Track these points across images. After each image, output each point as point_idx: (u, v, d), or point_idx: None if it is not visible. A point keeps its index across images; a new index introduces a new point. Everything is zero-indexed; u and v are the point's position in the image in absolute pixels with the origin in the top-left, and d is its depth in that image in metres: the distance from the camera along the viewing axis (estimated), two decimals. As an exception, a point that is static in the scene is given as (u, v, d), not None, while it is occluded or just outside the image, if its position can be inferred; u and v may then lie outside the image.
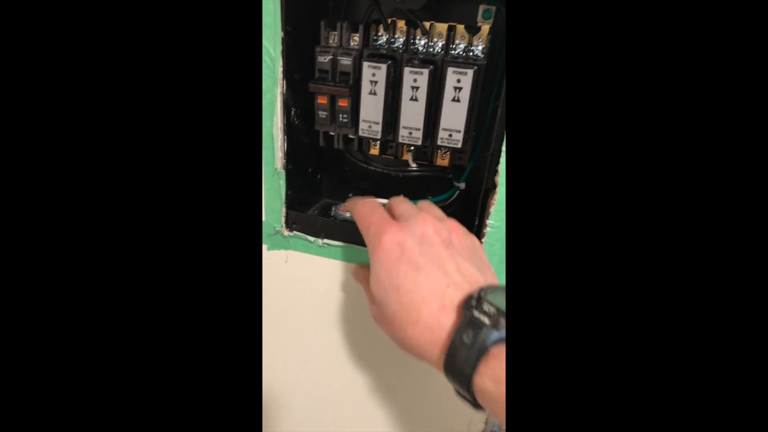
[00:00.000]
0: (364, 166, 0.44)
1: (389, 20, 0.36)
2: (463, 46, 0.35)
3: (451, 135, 0.35)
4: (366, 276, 0.34)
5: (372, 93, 0.35)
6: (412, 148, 0.39)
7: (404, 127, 0.36)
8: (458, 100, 0.33)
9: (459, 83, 0.33)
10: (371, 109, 0.35)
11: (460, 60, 0.34)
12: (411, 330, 0.28)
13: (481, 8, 0.34)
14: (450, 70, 0.33)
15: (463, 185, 0.41)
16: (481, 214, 0.36)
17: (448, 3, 0.36)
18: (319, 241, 0.41)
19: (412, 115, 0.35)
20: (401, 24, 0.36)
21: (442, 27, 0.35)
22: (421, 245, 0.29)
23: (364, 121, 0.36)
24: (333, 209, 0.44)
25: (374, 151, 0.42)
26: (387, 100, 0.35)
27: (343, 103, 0.36)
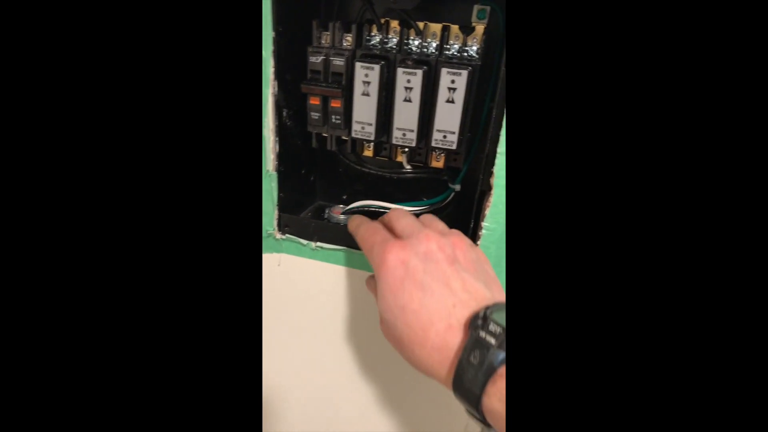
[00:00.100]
0: (358, 168, 0.43)
1: (382, 20, 0.35)
2: (457, 46, 0.35)
3: (445, 136, 0.34)
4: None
5: (365, 94, 0.34)
6: (406, 150, 0.39)
7: (398, 129, 0.35)
8: (452, 101, 0.33)
9: (453, 84, 0.32)
10: (364, 111, 0.35)
11: (455, 60, 0.33)
12: (419, 351, 0.27)
13: (476, 8, 0.34)
14: (444, 70, 0.32)
15: (458, 187, 0.40)
16: (477, 217, 0.36)
17: (442, 3, 0.36)
18: (312, 244, 0.41)
19: (405, 117, 0.34)
20: (395, 24, 0.35)
21: (436, 27, 0.35)
22: (425, 263, 0.28)
23: (357, 122, 0.35)
24: (327, 211, 0.44)
25: (368, 152, 0.41)
26: (380, 101, 0.34)
27: (336, 104, 0.35)
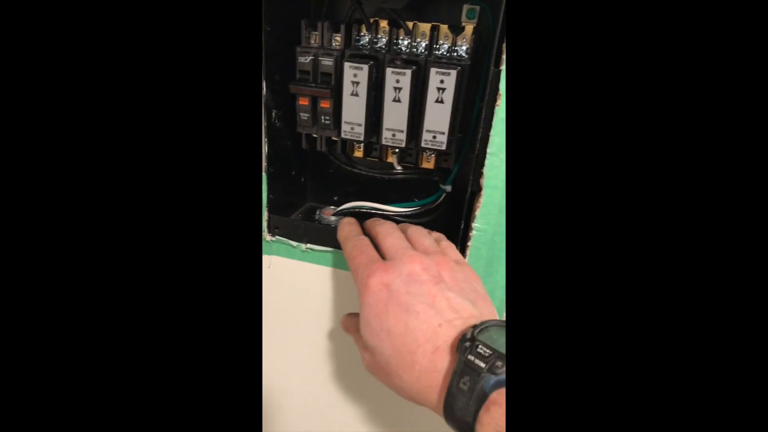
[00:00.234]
0: (349, 169, 0.43)
1: (371, 20, 0.35)
2: (446, 46, 0.34)
3: (435, 137, 0.34)
4: (356, 325, 0.33)
5: (354, 94, 0.34)
6: (397, 151, 0.39)
7: (387, 129, 0.35)
8: (442, 101, 0.33)
9: (442, 84, 0.32)
10: (354, 111, 0.35)
11: (444, 60, 0.33)
12: (407, 375, 0.26)
13: (465, 8, 0.34)
14: (433, 70, 0.32)
15: (449, 188, 0.40)
16: (467, 218, 0.35)
17: (431, 2, 0.36)
18: (302, 246, 0.40)
19: (395, 117, 0.34)
20: (384, 24, 0.35)
21: (425, 27, 0.35)
22: (408, 285, 0.28)
23: (347, 122, 0.35)
24: (318, 213, 0.43)
25: (358, 153, 0.41)
26: (369, 102, 0.34)
27: (325, 104, 0.35)
